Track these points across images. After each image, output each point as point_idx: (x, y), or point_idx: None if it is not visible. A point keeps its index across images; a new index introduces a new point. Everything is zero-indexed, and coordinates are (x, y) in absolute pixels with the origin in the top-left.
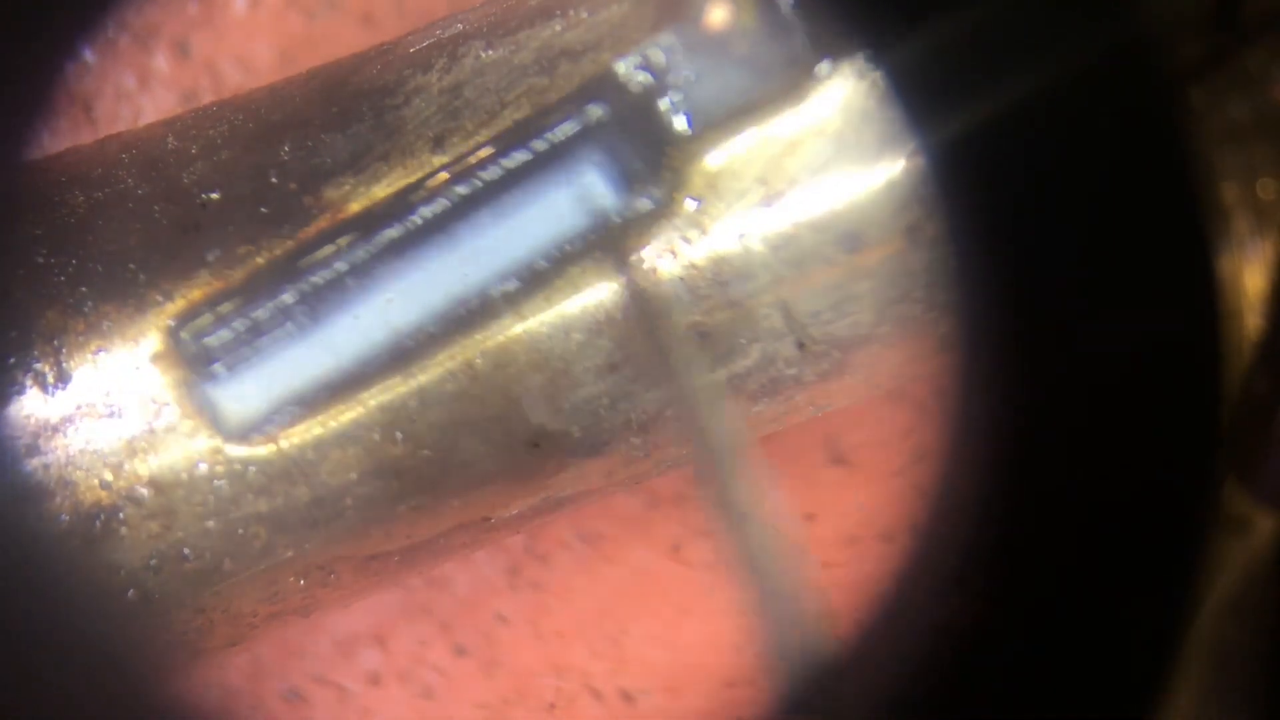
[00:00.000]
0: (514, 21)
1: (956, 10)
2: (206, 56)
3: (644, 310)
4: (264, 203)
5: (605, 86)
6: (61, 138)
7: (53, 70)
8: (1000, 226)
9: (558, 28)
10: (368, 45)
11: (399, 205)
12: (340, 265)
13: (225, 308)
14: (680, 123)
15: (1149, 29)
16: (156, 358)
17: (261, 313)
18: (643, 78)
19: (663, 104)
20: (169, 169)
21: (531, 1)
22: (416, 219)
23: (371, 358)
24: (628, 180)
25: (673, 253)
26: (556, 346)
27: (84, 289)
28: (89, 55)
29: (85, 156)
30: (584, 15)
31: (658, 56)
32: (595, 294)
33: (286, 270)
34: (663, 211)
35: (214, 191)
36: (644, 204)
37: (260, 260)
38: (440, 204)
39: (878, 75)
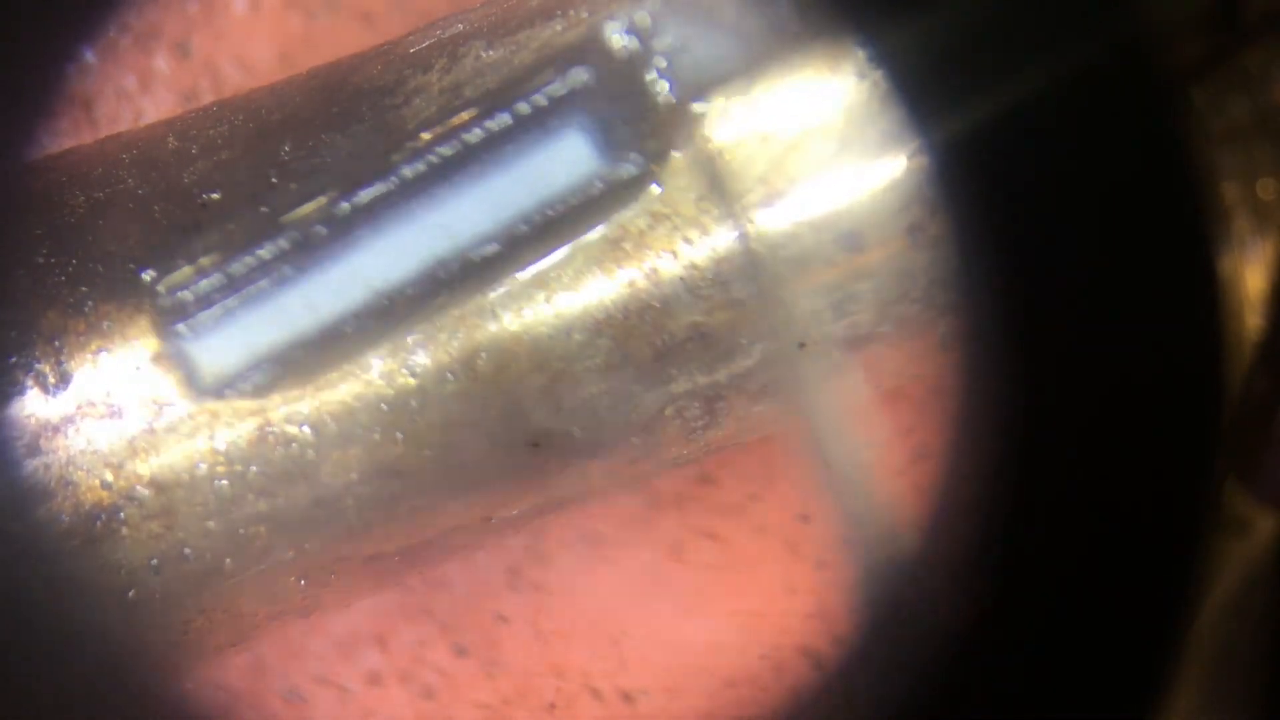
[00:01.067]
0: (514, 21)
1: (958, 9)
2: (206, 57)
3: (755, 261)
4: (264, 202)
5: (590, 51)
6: (62, 138)
7: (54, 71)
8: (1002, 226)
9: (558, 28)
10: (368, 45)
11: (381, 165)
12: (320, 224)
13: (204, 262)
14: (664, 88)
15: (1151, 28)
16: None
17: (239, 268)
18: (628, 42)
19: (647, 70)
20: (169, 169)
21: (532, 2)
22: (396, 179)
23: (350, 316)
24: (611, 144)
25: (673, 252)
26: (557, 346)
27: (84, 289)
28: (90, 56)
29: (85, 156)
30: (584, 15)
31: (643, 21)
32: (596, 293)
33: (266, 227)
34: (647, 176)
35: (214, 191)
36: (627, 169)
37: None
38: (421, 164)
39: (879, 74)
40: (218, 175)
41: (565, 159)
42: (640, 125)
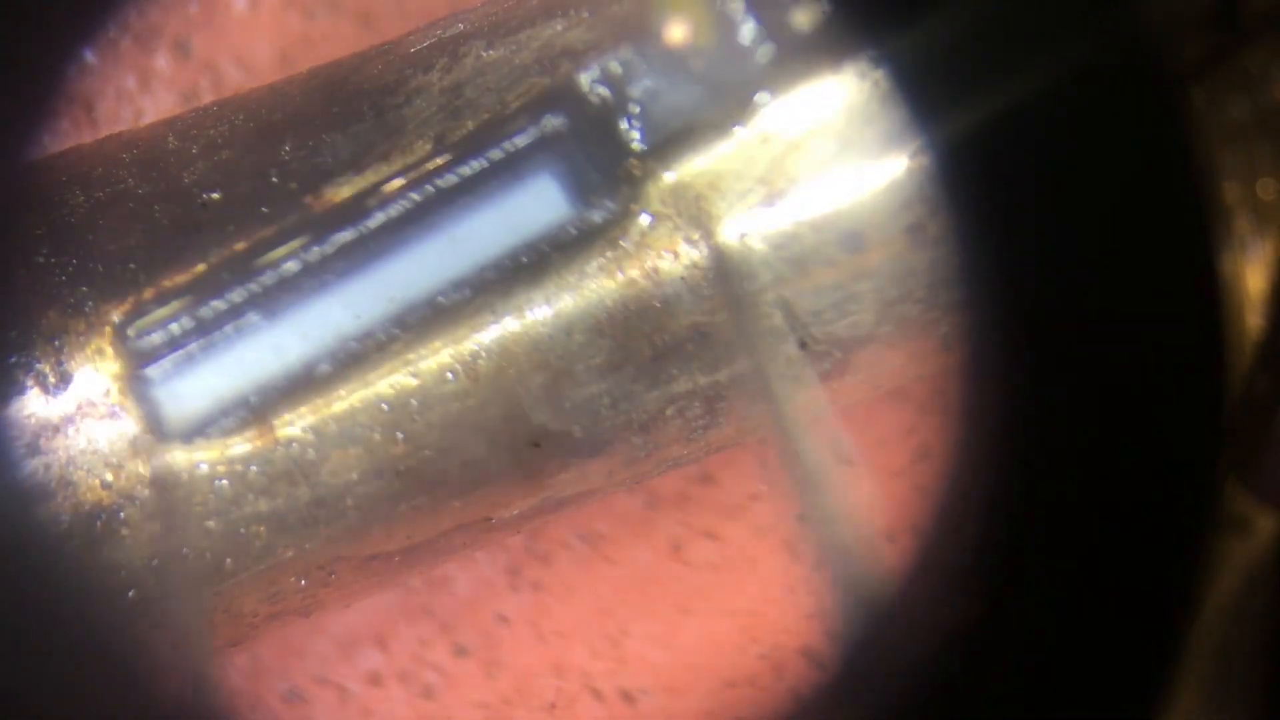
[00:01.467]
0: (515, 21)
1: (959, 9)
2: (207, 56)
3: (728, 275)
4: (265, 202)
5: (564, 98)
6: (63, 138)
7: (54, 71)
8: (1002, 226)
9: (559, 27)
10: (368, 45)
11: (354, 209)
12: (291, 266)
13: (174, 305)
14: (636, 136)
15: (1152, 27)
16: (107, 356)
17: (208, 311)
18: (601, 90)
19: (620, 118)
20: (169, 169)
21: (533, 1)
22: (369, 224)
23: (318, 362)
24: (582, 191)
25: (674, 252)
26: (557, 346)
27: (85, 289)
28: (90, 56)
29: (86, 156)
30: (585, 14)
31: (616, 70)
32: (597, 293)
33: (238, 270)
34: (617, 224)
35: (215, 191)
36: (597, 215)
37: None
38: (394, 209)
39: (880, 75)
40: (218, 175)
41: (536, 204)
42: (612, 171)
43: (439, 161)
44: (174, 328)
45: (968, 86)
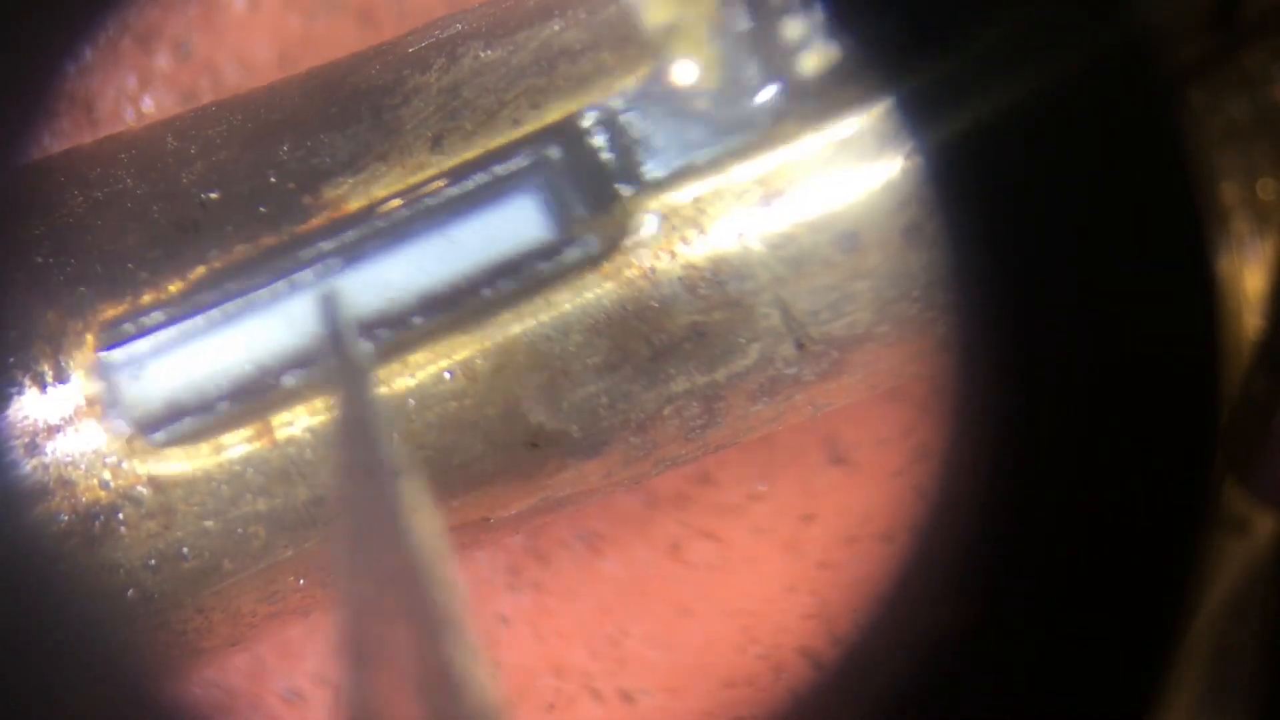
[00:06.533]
0: (513, 22)
1: (955, 12)
2: (207, 57)
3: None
4: (263, 202)
5: (564, 131)
6: (62, 138)
7: (53, 71)
8: (998, 226)
9: (556, 28)
10: (367, 45)
11: (358, 215)
12: (270, 270)
13: (145, 300)
14: (630, 174)
15: (1147, 29)
16: (82, 355)
17: (181, 310)
18: (602, 126)
19: (610, 154)
20: (168, 169)
21: (530, 2)
22: (350, 235)
23: (282, 367)
24: (567, 224)
25: (671, 252)
26: (555, 346)
27: (83, 289)
28: (89, 55)
29: (84, 156)
30: (582, 15)
31: (617, 106)
32: (595, 292)
33: (213, 278)
34: (599, 258)
35: (213, 191)
36: (577, 250)
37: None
38: (371, 226)
39: (877, 75)
40: (216, 175)
41: (520, 230)
42: (601, 206)
43: (435, 186)
44: (146, 321)
45: (964, 87)
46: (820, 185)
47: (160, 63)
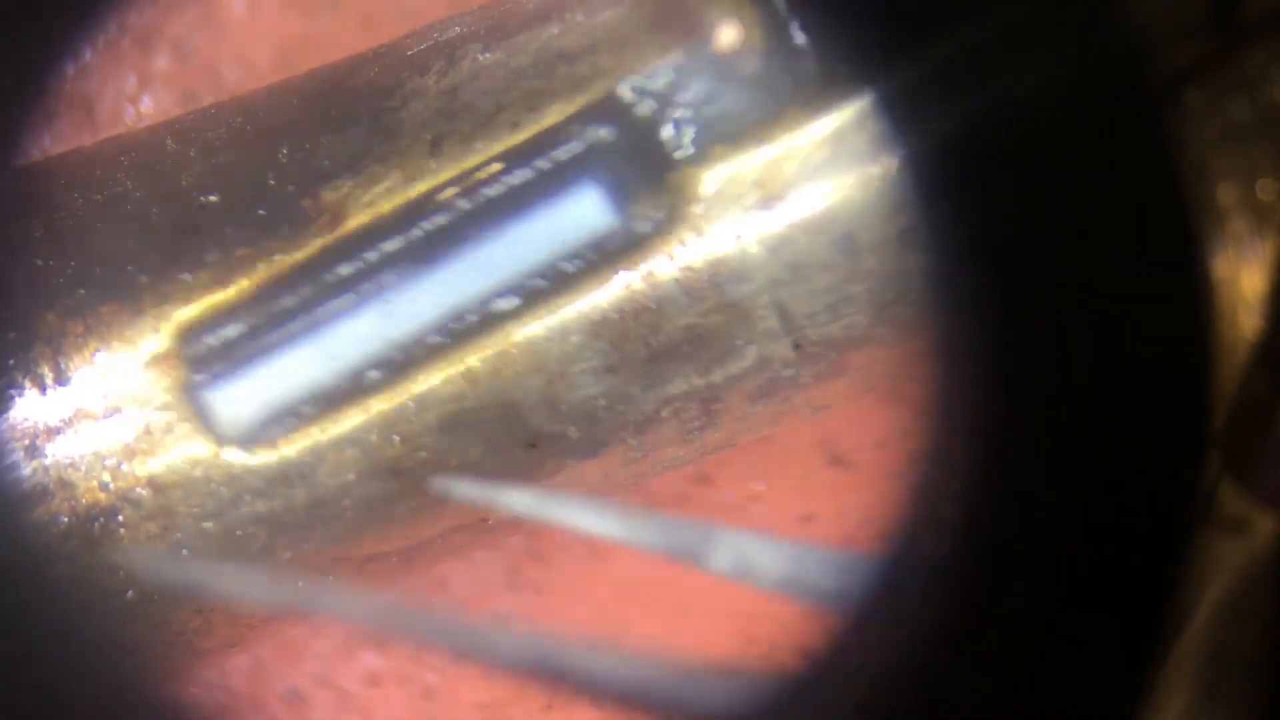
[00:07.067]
0: (512, 25)
1: (950, 16)
2: (206, 57)
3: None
4: (262, 205)
5: (611, 107)
6: (62, 139)
7: (53, 71)
8: (994, 228)
9: (555, 31)
10: (367, 46)
11: (402, 218)
12: (342, 273)
13: (227, 313)
14: (684, 144)
15: (1140, 34)
16: (155, 360)
17: (262, 320)
18: (649, 99)
19: (666, 126)
20: (167, 171)
21: (529, 5)
22: (418, 231)
23: (369, 369)
24: (628, 201)
25: (669, 255)
26: (554, 348)
27: (83, 291)
28: (89, 56)
29: (84, 159)
30: (581, 18)
31: (666, 77)
32: (593, 297)
33: (289, 278)
34: (662, 232)
35: (212, 194)
36: (643, 226)
37: (260, 263)
38: (442, 218)
39: (875, 77)
40: (216, 177)
41: (583, 214)
42: (659, 181)
43: (491, 170)
44: (226, 335)
45: (960, 90)
46: (817, 188)
47: (160, 63)
